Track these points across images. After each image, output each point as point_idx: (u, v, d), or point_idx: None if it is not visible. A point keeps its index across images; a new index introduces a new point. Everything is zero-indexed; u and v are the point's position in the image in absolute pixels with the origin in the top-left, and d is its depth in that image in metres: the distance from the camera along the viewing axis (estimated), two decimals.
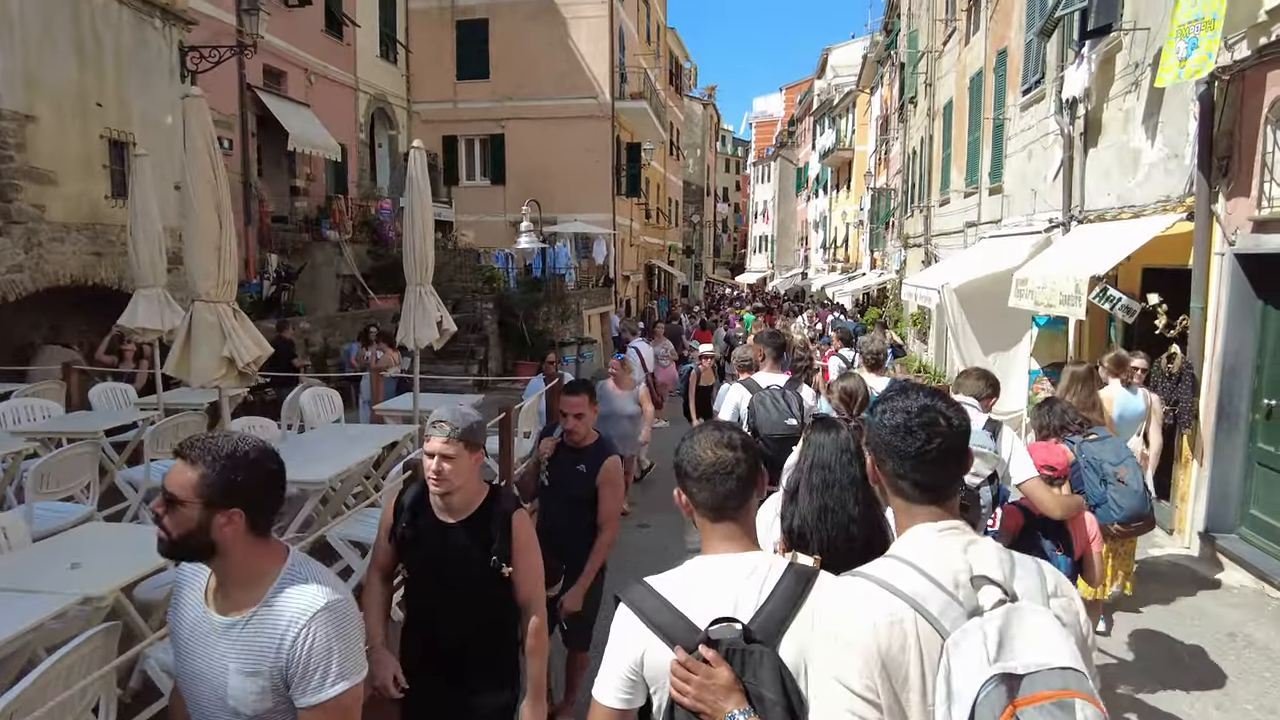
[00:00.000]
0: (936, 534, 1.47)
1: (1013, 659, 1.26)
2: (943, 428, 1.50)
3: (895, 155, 27.84)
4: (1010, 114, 11.85)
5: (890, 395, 1.60)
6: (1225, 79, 6.06)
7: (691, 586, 1.64)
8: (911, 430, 1.50)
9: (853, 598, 1.43)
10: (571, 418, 3.75)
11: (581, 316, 19.43)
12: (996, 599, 1.34)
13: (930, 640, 1.35)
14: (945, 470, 1.51)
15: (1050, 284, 7.53)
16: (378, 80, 21.29)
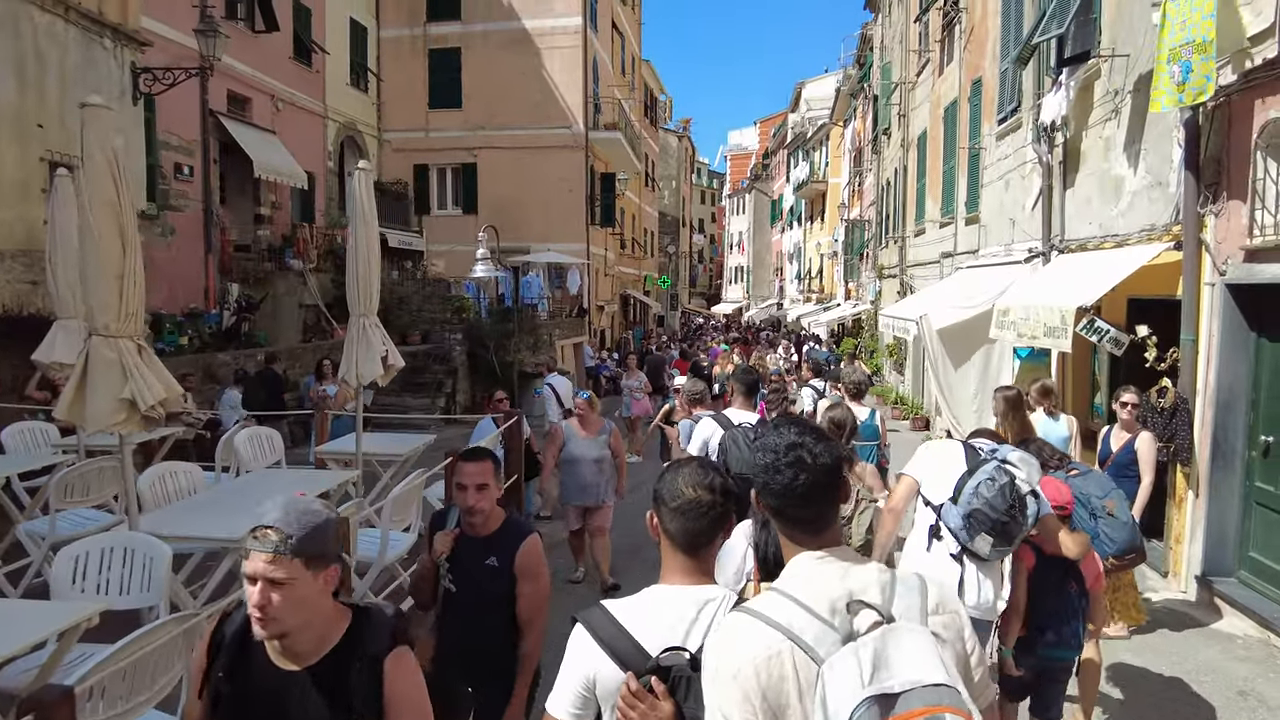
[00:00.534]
0: (815, 562, 1.52)
1: (888, 679, 1.29)
2: (809, 464, 1.54)
3: (869, 187, 27.91)
4: (986, 143, 11.72)
5: (763, 434, 1.64)
6: (1210, 105, 5.85)
7: (646, 614, 1.71)
8: (779, 469, 1.54)
9: (732, 633, 1.47)
10: (472, 491, 2.93)
11: (554, 347, 19.01)
12: (872, 622, 1.38)
13: (807, 669, 1.39)
14: (815, 506, 1.55)
15: (1033, 315, 7.26)
16: (347, 108, 20.99)
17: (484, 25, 22.51)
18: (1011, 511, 3.12)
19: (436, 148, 22.76)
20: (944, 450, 3.53)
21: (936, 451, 3.57)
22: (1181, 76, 5.77)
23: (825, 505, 1.56)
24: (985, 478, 3.17)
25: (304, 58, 18.68)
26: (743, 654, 1.42)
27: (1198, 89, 5.63)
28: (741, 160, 76.74)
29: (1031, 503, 3.20)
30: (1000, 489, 3.12)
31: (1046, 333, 6.90)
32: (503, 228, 22.20)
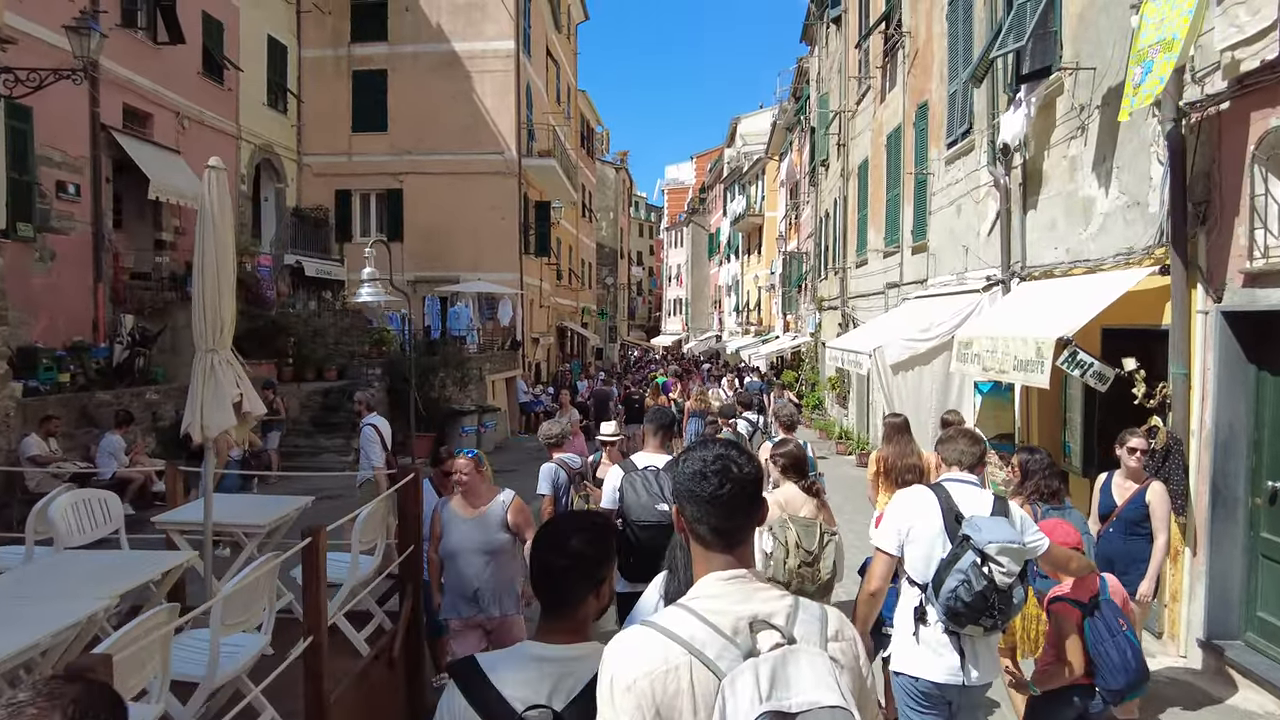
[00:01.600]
0: (723, 582, 1.55)
1: (786, 698, 1.34)
2: (735, 474, 1.59)
3: (806, 219, 27.74)
4: (934, 168, 11.28)
5: (692, 447, 1.70)
6: (1197, 116, 5.32)
7: (515, 670, 1.74)
8: (706, 476, 1.58)
9: (631, 645, 1.50)
10: None
11: (484, 381, 17.95)
12: (774, 642, 1.42)
13: (705, 683, 1.42)
14: (737, 515, 1.59)
15: (1001, 347, 6.62)
16: (264, 129, 19.75)
17: (412, 47, 21.61)
18: (993, 610, 2.93)
19: (360, 172, 21.63)
20: (917, 512, 3.18)
21: (908, 514, 3.20)
22: (1140, 78, 5.23)
23: (745, 518, 1.61)
24: (961, 580, 2.94)
25: (215, 74, 17.45)
26: (640, 666, 1.45)
27: (1149, 90, 5.10)
28: (679, 194, 77.10)
29: (1018, 591, 2.97)
30: (979, 594, 2.90)
31: (1018, 366, 6.25)
32: (430, 256, 21.18)
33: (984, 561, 2.91)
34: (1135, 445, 4.58)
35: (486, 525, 4.32)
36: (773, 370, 31.78)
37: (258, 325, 15.67)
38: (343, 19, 21.52)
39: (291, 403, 15.13)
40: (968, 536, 2.98)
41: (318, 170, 21.62)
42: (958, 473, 3.30)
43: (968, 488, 3.21)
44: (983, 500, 3.16)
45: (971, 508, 3.11)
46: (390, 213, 21.68)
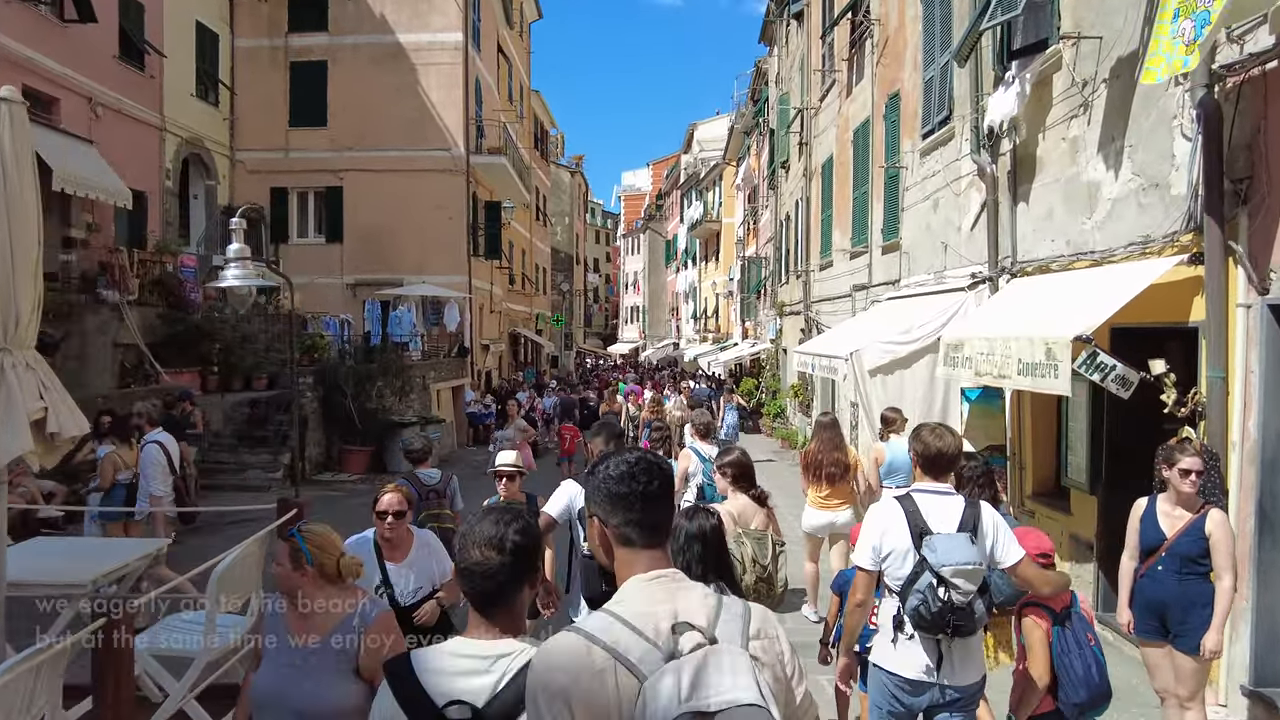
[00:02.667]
0: (646, 584, 1.58)
1: (706, 697, 1.37)
2: (660, 470, 1.67)
3: (765, 224, 27.13)
4: (907, 161, 10.58)
5: (609, 455, 1.72)
6: (1236, 80, 4.59)
7: (442, 666, 1.75)
8: (635, 475, 1.63)
9: (557, 651, 1.51)
10: None
11: (429, 391, 16.84)
12: (695, 643, 1.46)
13: (629, 687, 1.44)
14: (664, 509, 1.66)
15: (999, 350, 5.84)
16: (192, 122, 18.42)
17: (354, 38, 20.44)
18: (949, 627, 3.00)
19: (297, 169, 20.36)
20: (887, 527, 3.19)
21: (880, 529, 3.21)
22: (1195, 33, 4.47)
23: (667, 514, 1.67)
24: (920, 600, 3.01)
25: (134, 59, 16.13)
26: (567, 671, 1.47)
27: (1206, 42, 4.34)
28: (636, 200, 76.40)
29: (978, 605, 3.02)
30: (937, 613, 2.98)
31: (1025, 370, 5.46)
32: (373, 258, 20.03)
33: (940, 583, 2.96)
34: (1189, 466, 3.77)
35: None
36: (732, 378, 31.11)
37: (178, 331, 14.40)
38: (279, 7, 20.28)
39: (214, 415, 13.87)
40: (924, 558, 3.02)
41: (252, 166, 20.31)
42: (929, 482, 3.23)
43: (936, 498, 3.17)
44: (951, 510, 3.13)
45: (939, 520, 3.10)
46: (330, 212, 20.45)
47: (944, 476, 3.24)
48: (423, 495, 5.48)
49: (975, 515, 3.10)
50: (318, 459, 14.40)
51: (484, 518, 1.80)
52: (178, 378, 14.05)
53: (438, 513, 5.52)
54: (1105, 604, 5.95)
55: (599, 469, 1.69)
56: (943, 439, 3.23)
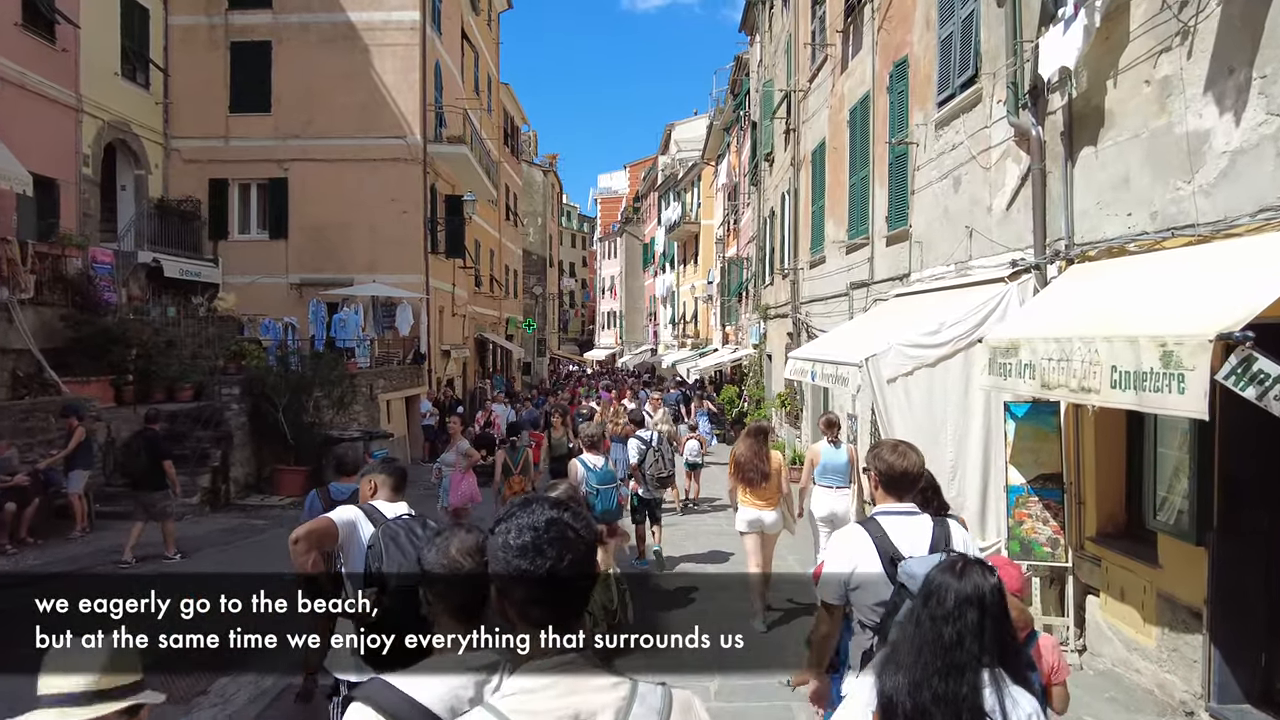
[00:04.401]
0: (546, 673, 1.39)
1: None
2: (573, 541, 1.42)
3: (747, 223, 25.73)
4: (918, 136, 9.12)
5: (512, 512, 1.48)
6: None
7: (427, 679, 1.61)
8: (541, 549, 1.40)
9: None
10: None
11: (376, 402, 15.16)
12: None
13: None
14: (576, 591, 1.44)
15: (1081, 355, 4.34)
16: (117, 104, 16.63)
17: (300, 16, 18.77)
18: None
19: (238, 159, 18.62)
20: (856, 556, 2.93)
21: (848, 560, 2.95)
22: None
23: (584, 593, 1.47)
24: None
25: (42, 29, 14.37)
26: None
27: None
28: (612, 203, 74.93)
29: None
30: None
31: (1122, 382, 3.97)
32: (320, 255, 18.34)
33: None
34: None
35: None
36: (712, 385, 29.63)
37: (84, 334, 12.62)
38: None
39: (124, 431, 12.11)
40: (902, 584, 2.76)
41: (189, 156, 18.55)
42: (892, 503, 3.03)
43: (902, 519, 2.98)
44: (919, 531, 2.95)
45: (908, 543, 2.91)
46: (274, 205, 18.70)
47: (907, 496, 3.05)
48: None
49: (946, 535, 2.97)
50: (245, 480, 12.67)
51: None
52: (83, 388, 12.27)
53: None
54: (1222, 693, 4.46)
55: (500, 528, 1.46)
56: (905, 457, 3.04)
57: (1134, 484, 5.75)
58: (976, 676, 1.96)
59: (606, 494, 6.89)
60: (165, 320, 15.23)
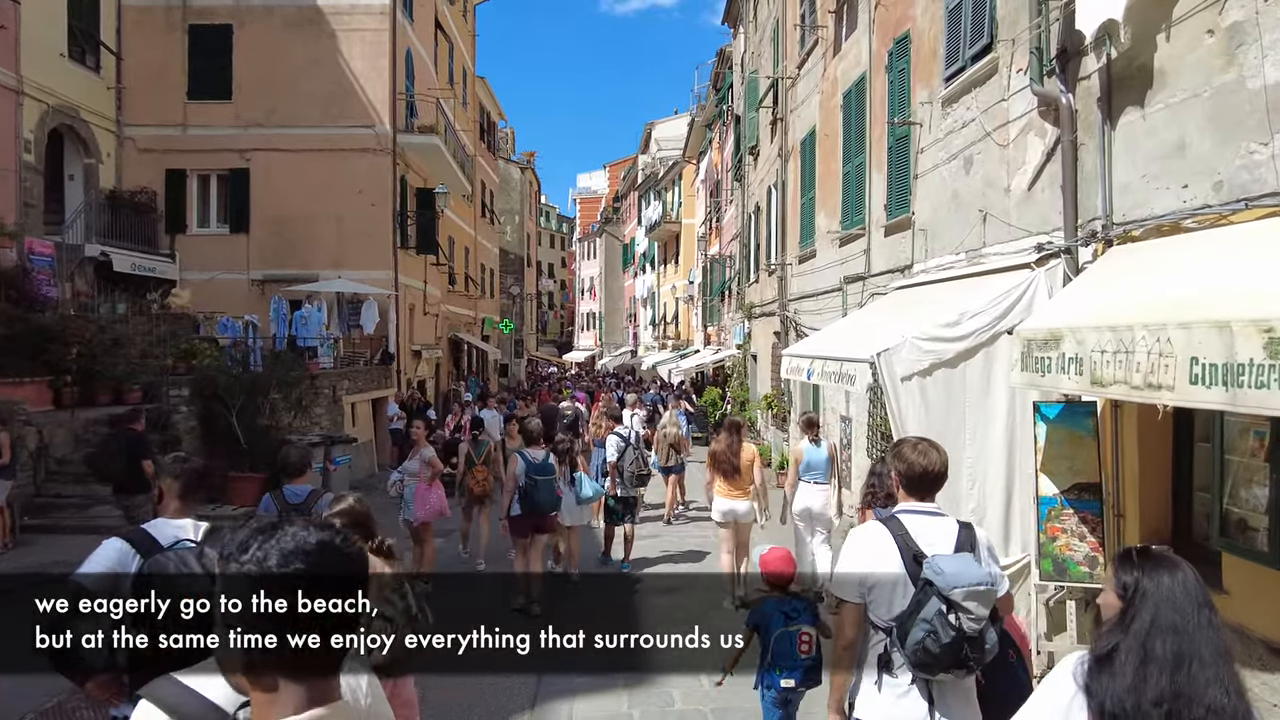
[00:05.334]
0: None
1: None
2: (340, 580, 1.22)
3: (730, 220, 25.08)
4: (922, 116, 8.44)
5: (263, 530, 1.25)
6: None
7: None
8: (286, 581, 1.18)
9: None
10: None
11: (340, 405, 14.28)
12: None
13: None
14: (336, 631, 1.24)
15: (1147, 345, 3.64)
16: (63, 87, 15.65)
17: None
18: (966, 660, 2.64)
19: (197, 149, 17.67)
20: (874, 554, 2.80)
21: (866, 557, 2.83)
22: None
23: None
24: (927, 631, 2.63)
25: None
26: None
27: None
28: (591, 204, 74.20)
29: (990, 635, 2.69)
30: (949, 645, 2.61)
31: (1207, 376, 3.27)
32: (284, 250, 17.43)
33: (950, 609, 2.63)
34: None
35: None
36: (693, 386, 28.93)
37: (16, 331, 11.66)
38: None
39: (59, 437, 11.18)
40: (930, 581, 2.67)
41: (144, 145, 17.57)
42: (914, 502, 2.91)
43: (925, 519, 2.87)
44: (944, 533, 2.84)
45: (931, 543, 2.79)
46: (235, 198, 17.75)
47: (929, 497, 2.92)
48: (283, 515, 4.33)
49: (971, 538, 2.85)
50: None
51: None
52: (16, 390, 11.32)
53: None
54: None
55: (243, 544, 1.23)
56: (927, 456, 2.91)
57: (1182, 494, 5.08)
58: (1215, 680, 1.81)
59: (545, 485, 7.03)
60: (113, 317, 14.27)
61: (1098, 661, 1.91)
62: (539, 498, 7.03)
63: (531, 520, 7.13)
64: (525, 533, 7.16)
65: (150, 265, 16.50)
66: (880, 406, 9.51)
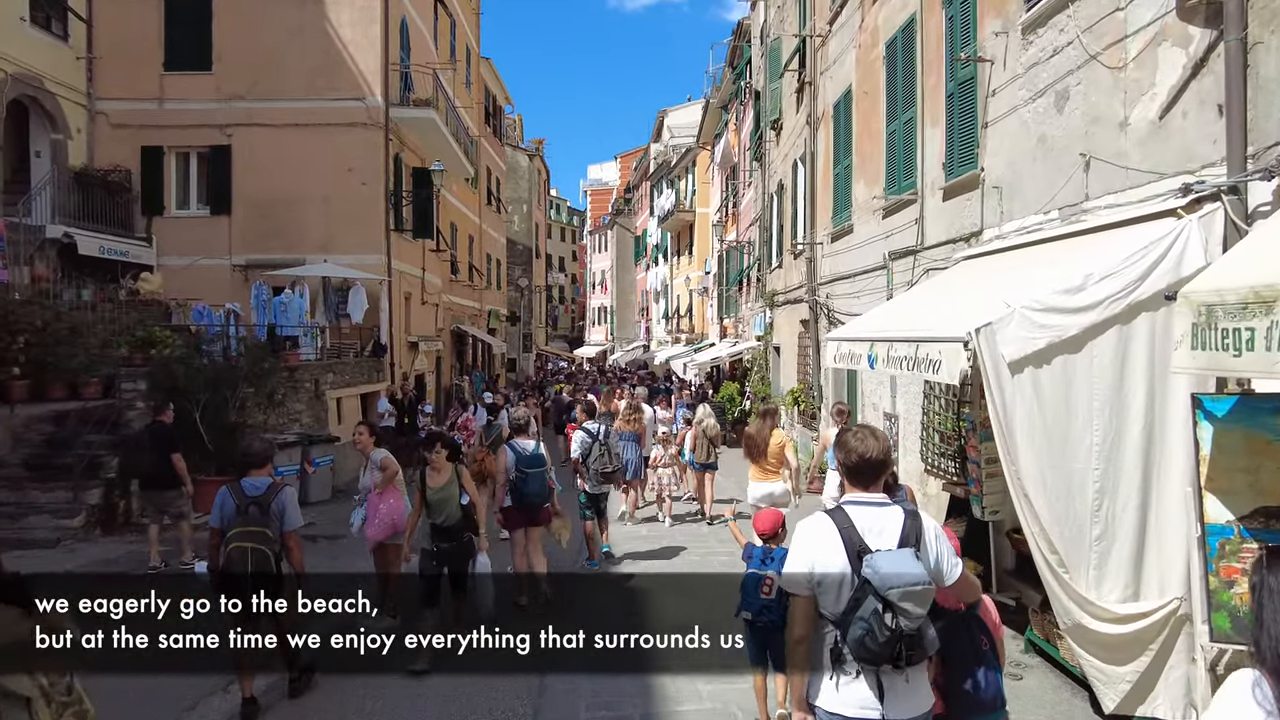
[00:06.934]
0: None
1: None
2: None
3: (748, 204, 23.62)
4: (993, 49, 6.99)
5: None
6: None
7: None
8: None
9: None
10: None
11: (323, 401, 12.95)
12: None
13: None
14: None
15: None
16: (24, 54, 14.38)
17: None
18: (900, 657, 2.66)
19: (175, 124, 16.34)
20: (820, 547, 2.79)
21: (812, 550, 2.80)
22: None
23: None
24: (865, 630, 2.64)
25: None
26: None
27: None
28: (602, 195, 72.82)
29: (930, 630, 2.72)
30: (885, 643, 2.63)
31: None
32: (268, 233, 16.12)
33: (886, 608, 2.64)
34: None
35: None
36: (710, 381, 27.51)
37: None
38: None
39: None
40: (866, 579, 2.68)
41: (117, 120, 16.28)
42: (859, 492, 2.87)
43: (871, 510, 2.82)
44: (890, 523, 2.79)
45: (877, 535, 2.77)
46: (215, 177, 16.43)
47: (873, 486, 2.87)
48: (240, 508, 4.75)
49: (917, 528, 2.80)
50: None
51: None
52: None
53: (255, 530, 4.64)
54: None
55: None
56: (865, 443, 2.87)
57: None
58: None
59: (535, 476, 6.91)
60: (75, 304, 12.99)
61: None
62: (529, 489, 6.92)
63: (524, 513, 7.02)
64: (519, 525, 7.06)
65: (122, 249, 15.22)
66: (937, 401, 8.07)
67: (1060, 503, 4.09)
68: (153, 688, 4.75)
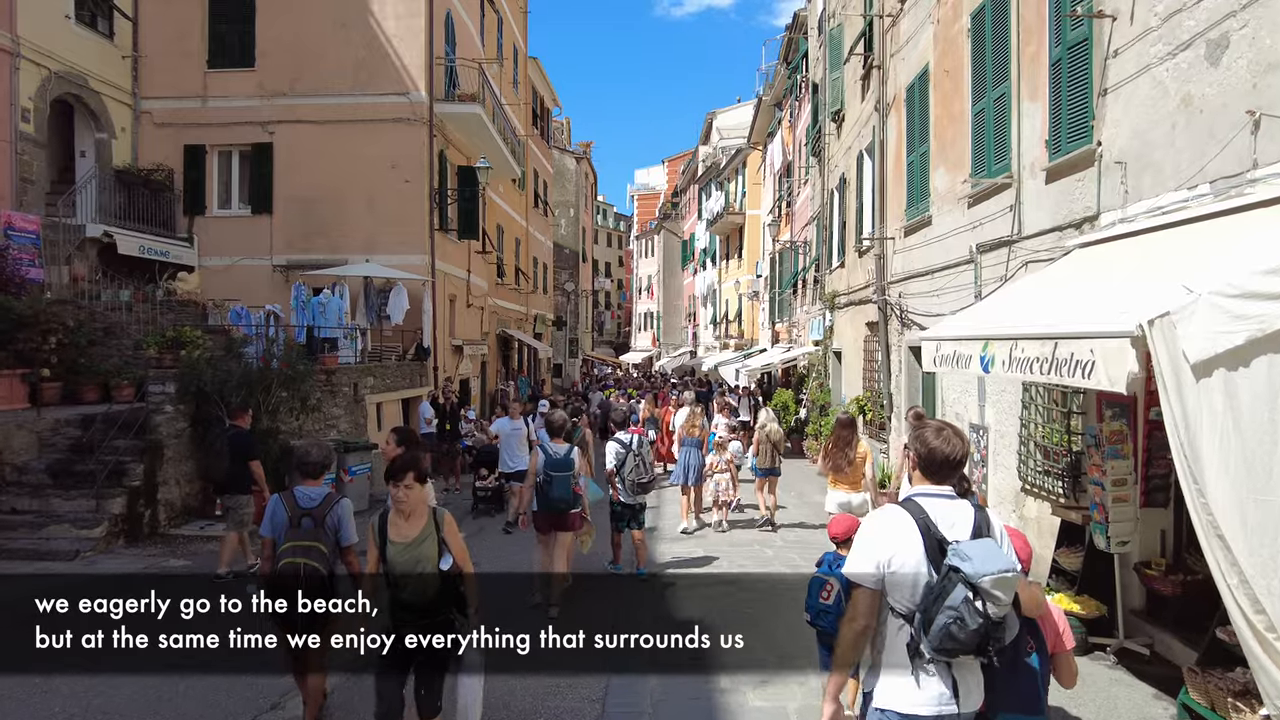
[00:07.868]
0: None
1: None
2: None
3: (804, 203, 22.61)
4: (1116, 3, 6.01)
5: None
6: None
7: None
8: None
9: None
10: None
11: (362, 406, 12.35)
12: None
13: None
14: None
15: None
16: (70, 53, 14.16)
17: None
18: (988, 645, 2.60)
19: (218, 122, 16.05)
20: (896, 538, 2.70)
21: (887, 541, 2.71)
22: None
23: None
24: (954, 618, 2.55)
25: None
26: None
27: None
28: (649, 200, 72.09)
29: (1011, 618, 2.68)
30: (973, 632, 2.55)
31: None
32: (310, 233, 15.70)
33: (977, 595, 2.56)
34: None
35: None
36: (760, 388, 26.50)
37: None
38: None
39: (18, 439, 9.45)
40: (956, 568, 2.60)
41: (161, 118, 16.04)
42: (930, 485, 2.83)
43: (943, 502, 2.78)
44: (962, 516, 2.75)
45: (951, 527, 2.72)
46: (257, 175, 16.06)
47: (946, 481, 2.83)
48: (293, 519, 4.33)
49: (986, 521, 2.77)
50: (181, 503, 9.91)
51: None
52: None
53: (307, 545, 4.13)
54: None
55: None
56: (949, 442, 2.79)
57: None
58: None
59: (560, 481, 6.74)
60: (113, 304, 12.63)
61: None
62: (554, 494, 6.77)
63: (549, 517, 6.86)
64: (545, 529, 6.96)
65: (163, 249, 14.88)
66: (1040, 412, 7.09)
67: (1268, 547, 3.14)
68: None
